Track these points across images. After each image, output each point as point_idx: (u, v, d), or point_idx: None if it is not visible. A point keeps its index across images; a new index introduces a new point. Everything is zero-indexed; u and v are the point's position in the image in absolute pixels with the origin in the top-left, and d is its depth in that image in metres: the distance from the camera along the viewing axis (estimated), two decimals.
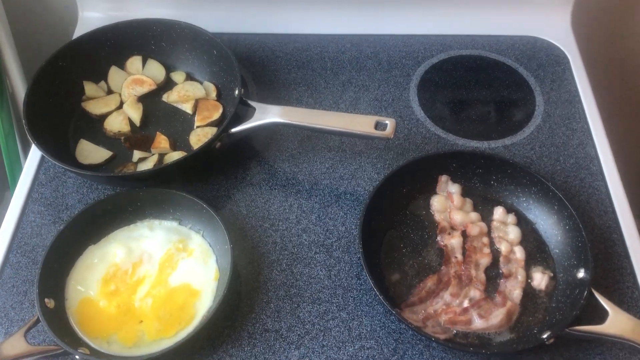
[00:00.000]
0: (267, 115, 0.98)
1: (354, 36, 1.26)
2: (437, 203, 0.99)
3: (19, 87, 1.31)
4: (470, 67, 1.20)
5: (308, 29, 1.26)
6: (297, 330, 0.87)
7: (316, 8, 1.26)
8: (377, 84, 1.17)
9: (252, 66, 1.20)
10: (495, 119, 1.13)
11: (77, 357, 0.81)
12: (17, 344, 0.80)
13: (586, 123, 1.11)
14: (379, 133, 0.93)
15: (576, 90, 1.16)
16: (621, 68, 1.42)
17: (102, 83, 1.14)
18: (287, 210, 1.00)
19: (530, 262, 0.93)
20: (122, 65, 1.16)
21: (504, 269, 0.92)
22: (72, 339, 0.84)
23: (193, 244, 0.94)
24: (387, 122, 0.93)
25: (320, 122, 0.96)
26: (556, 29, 1.25)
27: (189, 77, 1.16)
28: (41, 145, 0.96)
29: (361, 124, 0.94)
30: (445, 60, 1.21)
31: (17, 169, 1.29)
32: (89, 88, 1.12)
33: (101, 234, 0.95)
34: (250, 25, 1.26)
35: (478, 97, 1.16)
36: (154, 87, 1.13)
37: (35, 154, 1.07)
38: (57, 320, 0.85)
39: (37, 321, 0.82)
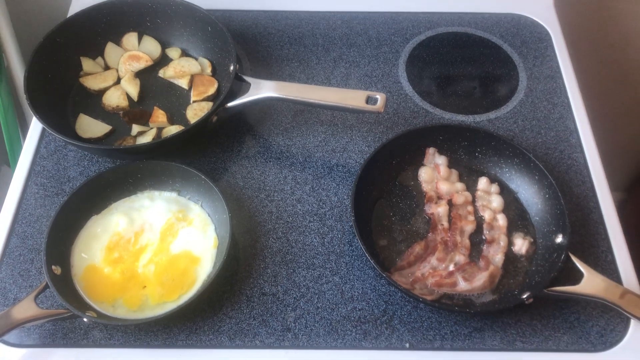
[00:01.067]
0: (261, 90, 1.02)
1: (345, 13, 1.29)
2: (424, 174, 1.04)
3: (16, 66, 1.33)
4: (457, 44, 1.24)
5: (299, 6, 1.29)
6: (292, 293, 0.92)
7: None
8: (367, 60, 1.21)
9: (246, 42, 1.23)
10: (480, 94, 1.17)
11: (84, 319, 0.86)
12: (27, 307, 0.84)
13: (566, 98, 1.16)
14: (370, 107, 0.97)
15: (557, 67, 1.20)
16: (602, 45, 1.47)
17: (99, 59, 1.17)
18: (282, 182, 1.04)
19: (512, 228, 0.98)
20: (118, 42, 1.18)
21: (487, 235, 0.98)
22: (79, 303, 0.88)
23: (192, 214, 0.99)
24: (377, 96, 0.97)
25: (314, 96, 1.00)
26: (539, 7, 1.30)
27: (184, 53, 1.19)
28: (42, 118, 0.99)
29: (353, 98, 0.98)
30: (433, 37, 1.25)
31: (16, 144, 1.32)
32: (87, 64, 1.15)
33: (103, 205, 0.99)
34: (243, 2, 1.28)
35: (464, 73, 1.20)
36: (150, 62, 1.16)
37: (36, 128, 1.10)
38: (64, 286, 0.89)
39: (46, 287, 0.87)
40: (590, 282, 0.87)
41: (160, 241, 0.96)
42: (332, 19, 1.28)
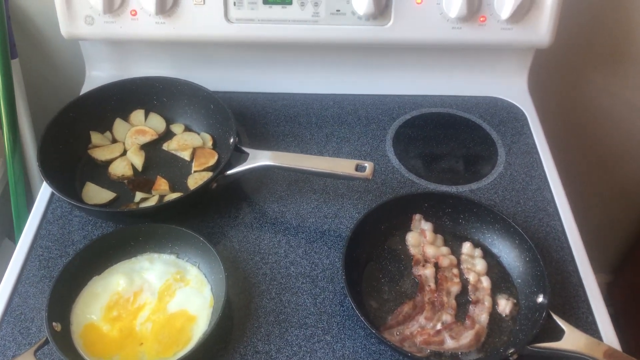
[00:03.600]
0: (259, 159, 1.10)
1: (336, 95, 1.40)
2: (411, 238, 1.09)
3: (28, 143, 1.41)
4: (440, 123, 1.34)
5: (295, 88, 1.40)
6: (285, 352, 0.95)
7: (302, 71, 1.40)
8: (357, 137, 1.30)
9: (245, 120, 1.32)
10: (462, 167, 1.26)
11: None
12: None
13: (543, 171, 1.24)
14: (359, 174, 1.04)
15: (533, 143, 1.30)
16: (573, 124, 1.58)
17: (107, 133, 1.25)
18: (276, 245, 1.09)
19: (495, 290, 1.03)
20: (126, 118, 1.27)
21: (472, 296, 1.02)
22: (77, 359, 0.91)
23: (190, 275, 1.03)
24: (366, 165, 1.05)
25: (307, 164, 1.08)
26: (515, 91, 1.41)
27: (187, 129, 1.27)
28: (52, 184, 1.06)
29: (343, 166, 1.06)
30: (417, 116, 1.36)
31: (23, 216, 1.37)
32: (95, 137, 1.23)
33: (105, 266, 1.03)
34: (242, 84, 1.39)
35: (447, 149, 1.29)
36: (155, 136, 1.25)
37: (44, 193, 1.16)
38: (64, 342, 0.91)
39: (46, 342, 0.89)
40: (571, 339, 0.91)
41: (158, 300, 0.99)
42: (325, 100, 1.38)
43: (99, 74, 1.39)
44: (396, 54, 1.38)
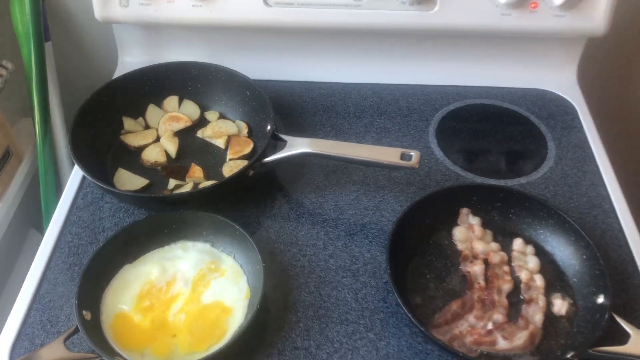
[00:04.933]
0: (297, 146, 1.05)
1: (375, 85, 1.34)
2: (459, 233, 1.03)
3: (59, 128, 1.38)
4: (485, 115, 1.28)
5: (333, 77, 1.35)
6: (325, 348, 0.89)
7: (341, 59, 1.35)
8: (398, 127, 1.25)
9: (281, 109, 1.28)
10: (510, 161, 1.19)
11: None
12: (56, 349, 0.82)
13: (596, 166, 1.17)
14: (404, 163, 0.99)
15: (585, 137, 1.23)
16: (625, 118, 1.50)
17: (140, 119, 1.21)
18: (314, 237, 1.04)
19: (549, 289, 0.96)
20: (159, 104, 1.23)
21: (525, 295, 0.95)
22: (107, 350, 0.86)
23: (225, 265, 0.98)
24: (412, 153, 0.99)
25: (348, 152, 1.02)
26: (563, 83, 1.34)
27: (222, 116, 1.23)
28: (84, 167, 1.02)
29: (388, 154, 1.00)
30: (461, 107, 1.30)
31: (51, 205, 1.34)
32: (128, 123, 1.19)
33: (137, 254, 0.99)
34: (278, 72, 1.35)
35: (493, 142, 1.23)
36: (189, 123, 1.21)
37: (75, 178, 1.12)
38: (94, 331, 0.87)
39: (76, 330, 0.85)
40: (639, 343, 0.84)
41: (191, 291, 0.94)
42: (363, 90, 1.33)
43: (131, 60, 1.36)
44: (440, 42, 1.32)
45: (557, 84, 1.34)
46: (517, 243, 1.02)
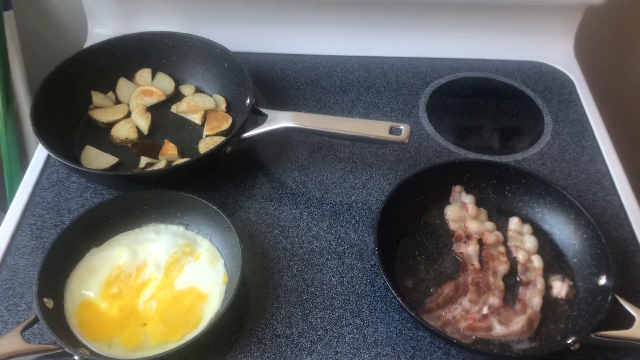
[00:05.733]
0: (278, 120, 0.97)
1: (362, 58, 1.27)
2: (451, 212, 0.97)
3: (23, 103, 1.29)
4: (478, 88, 1.21)
5: (317, 50, 1.28)
6: (309, 336, 0.83)
7: (326, 30, 1.28)
8: (386, 101, 1.18)
9: (262, 83, 1.20)
10: (505, 135, 1.13)
11: (76, 357, 0.76)
12: (13, 341, 0.74)
13: (595, 141, 1.11)
14: (393, 137, 0.92)
15: (583, 111, 1.17)
16: (624, 91, 1.44)
17: (110, 93, 1.13)
18: (297, 218, 0.97)
19: (548, 271, 0.90)
20: (131, 77, 1.15)
21: (522, 276, 0.89)
22: (70, 340, 0.79)
23: (200, 248, 0.91)
24: (401, 127, 0.92)
25: (334, 126, 0.95)
26: (560, 56, 1.28)
27: (198, 90, 1.15)
28: (47, 145, 0.94)
29: (376, 128, 0.93)
30: (453, 81, 1.23)
31: (16, 184, 1.25)
32: (97, 97, 1.11)
33: (105, 237, 0.91)
34: (259, 44, 1.27)
35: (487, 115, 1.16)
36: (162, 98, 1.13)
37: (39, 158, 1.04)
38: (56, 320, 0.80)
39: (35, 320, 0.77)
40: None
41: (164, 276, 0.87)
42: (349, 63, 1.26)
43: (102, 32, 1.27)
44: (431, 12, 1.25)
45: (553, 56, 1.28)
46: (514, 222, 0.96)
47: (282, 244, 0.94)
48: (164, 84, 1.15)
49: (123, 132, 1.06)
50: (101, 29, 1.28)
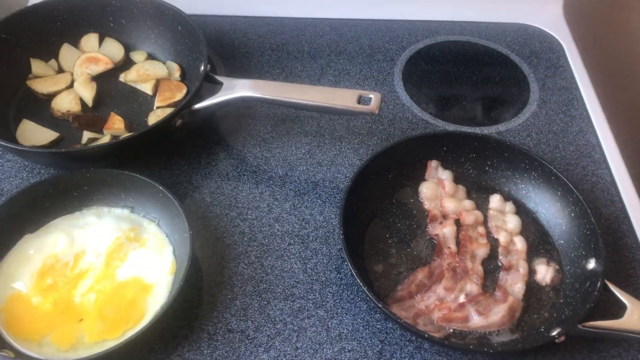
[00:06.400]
0: (235, 89, 0.88)
1: (333, 20, 1.17)
2: (426, 190, 0.88)
3: None
4: (459, 53, 1.12)
5: (283, 12, 1.18)
6: (266, 330, 0.74)
7: None
8: (359, 68, 1.08)
9: (222, 48, 1.10)
10: (487, 104, 1.04)
11: None
12: None
13: (585, 110, 1.02)
14: (362, 107, 0.82)
15: (572, 78, 1.08)
16: (616, 55, 1.35)
17: (52, 61, 1.03)
18: (258, 198, 0.88)
19: (532, 254, 0.82)
20: (75, 43, 1.05)
21: (503, 260, 0.81)
22: None
23: (147, 233, 0.82)
24: (371, 95, 0.83)
25: (297, 96, 0.85)
26: (548, 17, 1.19)
27: (150, 57, 1.05)
28: None
29: (342, 97, 0.84)
30: (432, 45, 1.13)
31: None
32: (37, 66, 1.01)
33: (40, 222, 0.82)
34: (218, 6, 1.17)
35: (468, 83, 1.07)
36: (110, 66, 1.02)
37: None
38: None
39: None
40: (636, 315, 0.70)
41: (105, 265, 0.78)
42: (320, 26, 1.16)
43: None
44: None
45: (541, 18, 1.19)
46: (495, 200, 0.88)
47: (240, 228, 0.85)
48: (113, 50, 1.04)
49: (65, 104, 0.96)
50: None
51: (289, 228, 0.85)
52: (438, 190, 0.88)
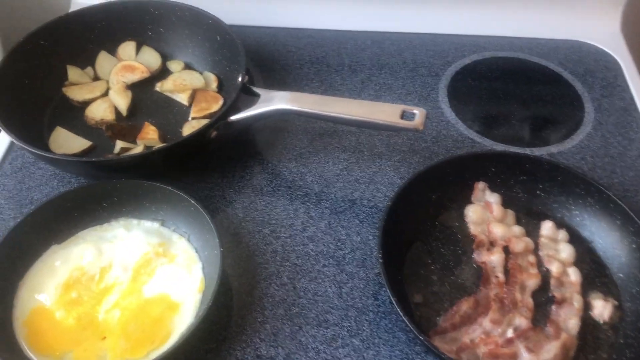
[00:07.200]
0: (272, 101, 0.84)
1: (375, 33, 1.14)
2: (473, 213, 0.83)
3: None
4: (508, 70, 1.07)
5: (324, 24, 1.15)
6: (297, 358, 0.70)
7: (334, 2, 1.14)
8: (401, 83, 1.04)
9: (260, 60, 1.07)
10: (538, 125, 0.98)
11: None
12: None
13: None
14: (405, 123, 0.78)
15: (631, 98, 1.02)
16: None
17: (89, 69, 1.02)
18: (292, 215, 0.84)
19: (587, 287, 0.76)
20: (113, 51, 1.04)
21: (556, 293, 0.75)
22: (13, 355, 0.67)
23: (176, 249, 0.78)
24: (415, 111, 0.79)
25: (336, 109, 0.81)
26: (605, 34, 1.13)
27: (187, 67, 1.03)
28: (9, 128, 0.82)
29: (385, 112, 0.79)
30: (479, 61, 1.08)
31: None
32: (73, 73, 1.00)
33: (68, 233, 0.80)
34: (258, 17, 1.15)
35: (517, 101, 1.02)
36: (146, 74, 1.00)
37: (2, 141, 0.93)
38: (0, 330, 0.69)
39: None
40: None
41: (131, 280, 0.75)
42: (361, 39, 1.12)
43: (86, 1, 1.14)
44: None
45: (596, 35, 1.13)
46: (547, 227, 0.82)
47: (272, 246, 0.81)
48: (150, 59, 1.03)
49: (99, 112, 0.94)
50: None
51: (324, 248, 0.81)
52: (485, 214, 0.82)
